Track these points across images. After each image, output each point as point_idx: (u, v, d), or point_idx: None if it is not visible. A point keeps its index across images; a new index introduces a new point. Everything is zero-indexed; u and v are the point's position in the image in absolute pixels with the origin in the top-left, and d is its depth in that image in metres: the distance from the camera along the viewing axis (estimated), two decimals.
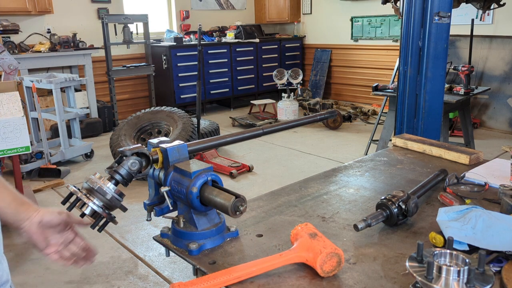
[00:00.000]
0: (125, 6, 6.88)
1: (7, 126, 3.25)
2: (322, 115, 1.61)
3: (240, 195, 1.01)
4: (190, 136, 4.42)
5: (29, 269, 2.85)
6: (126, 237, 3.25)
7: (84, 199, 1.00)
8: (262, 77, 7.99)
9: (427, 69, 3.00)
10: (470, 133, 4.49)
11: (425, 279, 0.81)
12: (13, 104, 3.30)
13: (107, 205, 1.03)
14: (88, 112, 5.80)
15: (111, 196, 1.02)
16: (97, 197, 1.01)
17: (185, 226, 1.11)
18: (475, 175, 1.45)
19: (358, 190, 1.43)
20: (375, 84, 4.27)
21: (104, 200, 1.02)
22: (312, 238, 0.97)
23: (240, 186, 4.16)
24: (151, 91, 6.77)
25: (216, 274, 0.92)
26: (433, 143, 1.79)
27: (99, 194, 1.01)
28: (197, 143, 1.26)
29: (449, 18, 2.92)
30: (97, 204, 1.01)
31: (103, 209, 1.02)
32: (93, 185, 1.01)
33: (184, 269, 2.81)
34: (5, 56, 4.14)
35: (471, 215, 1.06)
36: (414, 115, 3.14)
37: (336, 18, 7.83)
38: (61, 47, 5.81)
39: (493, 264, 0.96)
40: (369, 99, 7.40)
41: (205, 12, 7.89)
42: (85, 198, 1.01)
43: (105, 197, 1.02)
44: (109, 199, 1.02)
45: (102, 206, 1.02)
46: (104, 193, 1.02)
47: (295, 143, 5.50)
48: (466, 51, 5.49)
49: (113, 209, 1.05)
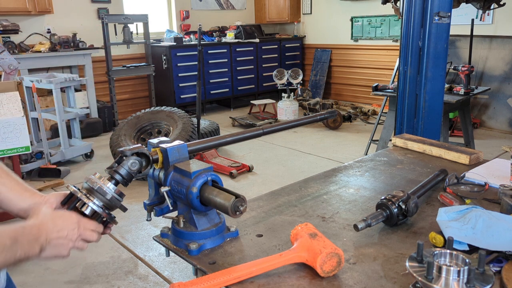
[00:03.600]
0: (125, 6, 6.88)
1: (7, 126, 3.25)
2: (322, 115, 1.61)
3: (240, 195, 1.01)
4: (190, 136, 4.42)
5: (29, 269, 2.85)
6: (126, 237, 3.25)
7: (84, 199, 1.00)
8: (262, 77, 7.99)
9: (427, 69, 3.00)
10: (470, 133, 4.49)
11: (425, 279, 0.81)
12: (13, 104, 3.30)
13: (107, 205, 1.02)
14: (88, 112, 5.80)
15: (111, 196, 1.02)
16: (97, 197, 1.01)
17: (185, 226, 1.11)
18: (475, 175, 1.45)
19: (358, 190, 1.43)
20: (375, 84, 4.27)
21: (104, 200, 1.01)
22: (312, 238, 0.97)
23: (240, 186, 4.16)
24: (151, 91, 6.77)
25: (216, 274, 0.92)
26: (433, 143, 1.79)
27: (99, 194, 1.01)
28: (197, 143, 1.26)
29: (449, 18, 2.92)
30: (97, 204, 1.01)
31: (103, 209, 1.02)
32: (93, 185, 1.01)
33: (184, 269, 2.81)
34: (5, 56, 4.15)
35: (471, 215, 1.06)
36: (414, 115, 3.14)
37: (336, 18, 7.83)
38: (61, 47, 5.81)
39: (493, 264, 0.96)
40: (369, 99, 7.40)
41: (205, 12, 7.89)
42: (85, 198, 1.00)
43: (105, 197, 1.01)
44: (109, 199, 1.02)
45: (102, 206, 1.02)
46: (104, 193, 1.01)
47: (295, 143, 5.50)
48: (466, 51, 5.49)
49: (113, 209, 1.04)
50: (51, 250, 0.93)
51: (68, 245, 0.95)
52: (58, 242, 0.93)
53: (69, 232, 0.94)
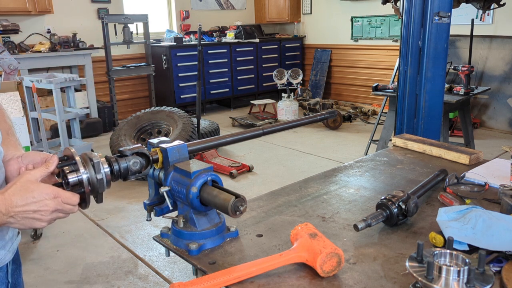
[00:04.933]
0: (125, 6, 6.88)
1: None
2: (322, 115, 1.61)
3: (240, 195, 1.01)
4: (190, 136, 4.42)
5: (29, 269, 2.85)
6: (126, 237, 3.25)
7: (80, 166, 0.95)
8: (262, 77, 7.99)
9: (427, 69, 3.00)
10: (470, 133, 4.49)
11: (425, 279, 0.81)
12: (13, 104, 3.30)
13: (93, 184, 0.97)
14: (88, 112, 5.80)
15: (102, 177, 0.97)
16: (89, 171, 0.96)
17: (185, 226, 1.10)
18: (475, 175, 1.45)
19: (358, 190, 1.43)
20: (375, 84, 4.27)
21: (93, 177, 0.97)
22: (312, 238, 0.97)
23: (240, 186, 4.16)
24: (151, 91, 6.77)
25: (216, 274, 0.92)
26: (433, 143, 1.79)
27: (92, 169, 0.96)
28: (197, 143, 1.26)
29: (449, 18, 2.92)
30: (87, 177, 0.96)
31: (88, 183, 0.97)
32: (93, 158, 0.97)
33: (184, 269, 2.81)
34: (5, 56, 4.15)
35: (471, 215, 1.06)
36: (414, 115, 3.14)
37: (336, 18, 7.83)
38: (61, 47, 5.81)
39: (493, 264, 0.96)
40: (369, 99, 7.40)
41: (205, 12, 7.89)
42: (81, 165, 0.96)
43: (96, 175, 0.97)
44: (99, 179, 0.97)
45: (88, 180, 0.97)
46: (98, 170, 0.97)
47: (295, 143, 5.50)
48: (466, 51, 5.49)
49: (94, 192, 0.99)
50: (21, 222, 0.91)
51: (42, 218, 0.92)
52: (25, 216, 0.91)
53: (40, 207, 0.91)
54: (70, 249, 3.12)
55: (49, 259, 2.98)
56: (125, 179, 1.06)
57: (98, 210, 3.72)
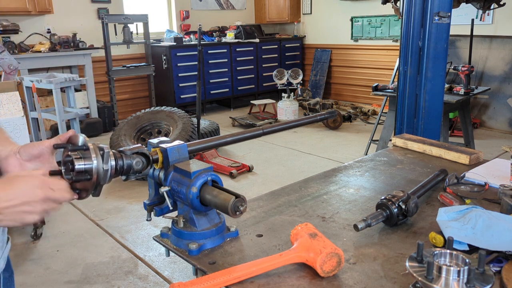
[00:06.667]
0: (125, 6, 6.88)
1: (7, 126, 3.24)
2: (322, 115, 1.61)
3: (240, 195, 1.01)
4: (190, 136, 4.42)
5: (29, 269, 2.84)
6: (126, 237, 3.25)
7: (92, 153, 0.92)
8: (262, 77, 7.99)
9: (427, 69, 3.00)
10: (470, 133, 4.49)
11: (425, 279, 0.81)
12: (13, 104, 3.30)
13: (99, 174, 0.94)
14: (88, 112, 5.80)
15: (108, 169, 0.95)
16: (98, 160, 0.93)
17: (185, 226, 1.10)
18: (475, 175, 1.45)
19: (358, 190, 1.43)
20: (375, 84, 4.27)
21: (101, 167, 0.93)
22: (312, 238, 0.97)
23: (240, 186, 4.16)
24: (151, 91, 6.77)
25: (216, 274, 0.92)
26: (433, 143, 1.79)
27: (101, 159, 0.93)
28: (197, 143, 1.26)
29: (449, 18, 2.92)
30: (97, 165, 0.92)
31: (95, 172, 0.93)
32: (104, 148, 0.94)
33: (184, 269, 2.81)
34: (5, 56, 4.15)
35: (471, 215, 1.06)
36: (414, 115, 3.14)
37: (336, 18, 7.83)
38: (61, 47, 5.81)
39: (493, 264, 0.96)
40: (369, 99, 7.40)
41: (205, 12, 7.89)
42: (93, 152, 0.92)
43: (103, 165, 0.94)
44: (105, 169, 0.94)
45: (97, 169, 0.94)
46: (106, 161, 0.94)
47: (295, 143, 5.50)
48: (466, 51, 5.49)
49: (96, 182, 0.96)
50: (11, 217, 0.84)
51: (33, 210, 0.85)
52: (14, 210, 0.84)
53: (28, 198, 0.84)
54: (70, 249, 3.12)
55: (49, 259, 2.98)
56: (126, 178, 1.05)
57: (98, 210, 3.72)
